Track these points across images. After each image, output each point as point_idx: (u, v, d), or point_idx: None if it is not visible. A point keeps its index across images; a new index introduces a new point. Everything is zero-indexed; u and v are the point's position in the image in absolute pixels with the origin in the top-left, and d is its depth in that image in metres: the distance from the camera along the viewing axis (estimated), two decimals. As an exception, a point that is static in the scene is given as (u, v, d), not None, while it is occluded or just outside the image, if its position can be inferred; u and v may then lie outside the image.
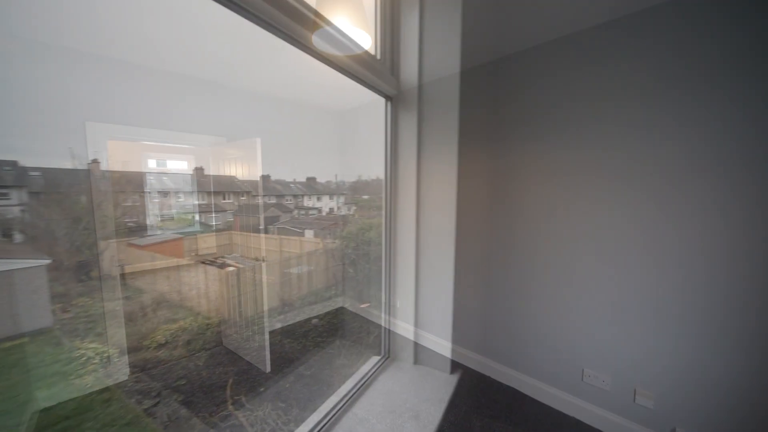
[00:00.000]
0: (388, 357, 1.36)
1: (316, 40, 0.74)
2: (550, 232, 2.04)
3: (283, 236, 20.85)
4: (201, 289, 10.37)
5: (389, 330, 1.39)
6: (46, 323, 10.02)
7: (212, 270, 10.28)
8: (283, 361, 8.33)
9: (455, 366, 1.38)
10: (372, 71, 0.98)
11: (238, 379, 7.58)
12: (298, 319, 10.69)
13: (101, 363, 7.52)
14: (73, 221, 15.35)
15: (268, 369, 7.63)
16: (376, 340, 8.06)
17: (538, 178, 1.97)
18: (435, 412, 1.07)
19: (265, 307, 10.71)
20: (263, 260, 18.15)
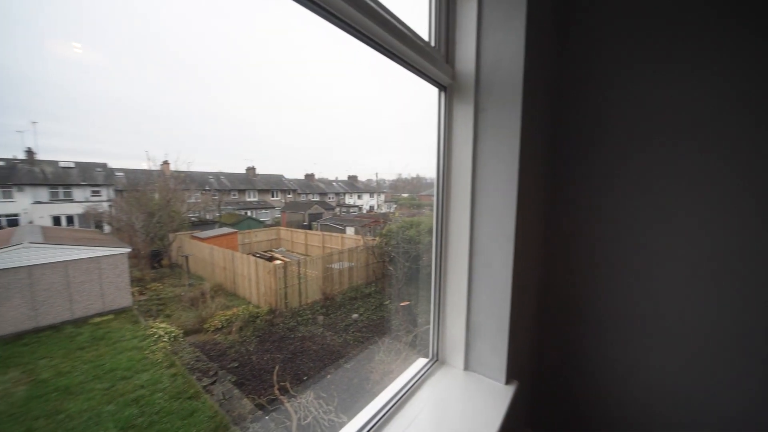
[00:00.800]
0: (437, 360, 1.31)
1: (365, 22, 0.71)
2: (643, 245, 1.74)
3: (325, 233, 21.58)
4: (252, 279, 11.18)
5: (438, 332, 1.33)
6: (127, 303, 11.49)
7: (261, 262, 11.02)
8: (325, 353, 8.65)
9: (511, 376, 1.27)
10: (426, 58, 0.93)
11: (284, 367, 8.03)
12: (339, 313, 11.03)
13: (169, 341, 8.44)
14: (148, 215, 17.36)
15: (311, 360, 7.98)
16: (417, 340, 7.98)
17: (627, 185, 1.70)
18: (489, 425, 0.99)
19: (309, 300, 11.21)
20: (307, 255, 18.92)
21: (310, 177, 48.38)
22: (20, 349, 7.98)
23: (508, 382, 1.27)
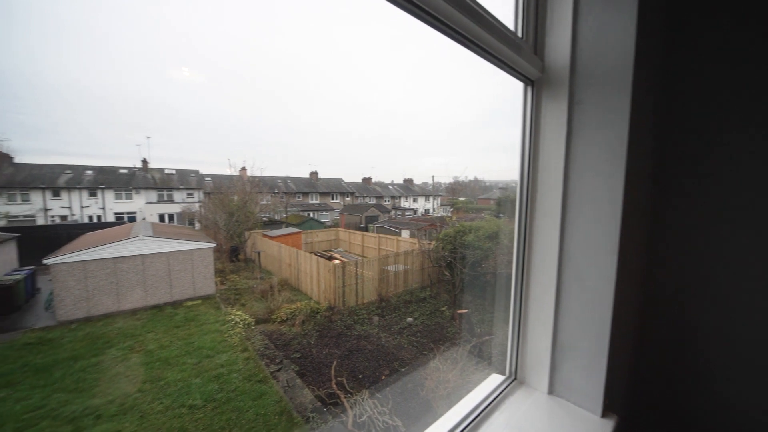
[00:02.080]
0: (515, 379, 1.17)
1: (449, 10, 0.68)
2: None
3: (381, 235, 21.92)
4: (313, 276, 11.90)
5: (518, 348, 1.19)
6: (211, 291, 13.13)
7: (322, 261, 11.68)
8: (380, 354, 8.76)
9: (608, 408, 1.07)
10: (514, 49, 0.86)
11: (341, 363, 8.36)
12: (393, 315, 11.10)
13: (243, 327, 9.40)
14: (229, 215, 19.79)
15: (367, 359, 8.16)
16: (477, 351, 7.59)
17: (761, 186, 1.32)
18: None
19: (365, 300, 11.51)
20: (363, 256, 19.45)
21: (367, 180, 50.10)
22: (134, 323, 9.74)
23: (604, 414, 1.09)
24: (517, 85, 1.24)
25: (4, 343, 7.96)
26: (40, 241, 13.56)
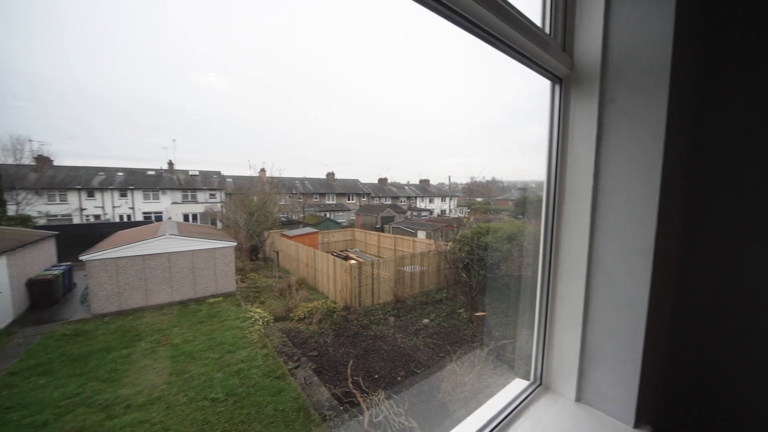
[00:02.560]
0: (540, 384, 1.12)
1: (474, 7, 0.67)
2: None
3: (397, 235, 21.86)
4: (330, 276, 12.04)
5: (544, 352, 1.14)
6: (232, 289, 13.50)
7: (339, 261, 11.80)
8: (396, 355, 8.74)
9: (641, 418, 1.01)
10: (542, 46, 0.83)
11: (357, 362, 8.40)
12: (409, 316, 11.05)
13: (263, 325, 9.62)
14: (249, 215, 20.30)
15: (383, 359, 8.16)
16: (495, 355, 7.45)
17: None
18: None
19: (380, 300, 11.53)
20: (379, 257, 19.44)
21: (383, 181, 50.22)
22: (161, 318, 10.19)
23: (637, 425, 1.04)
24: (539, 84, 1.21)
25: (44, 334, 8.53)
26: (76, 239, 14.46)
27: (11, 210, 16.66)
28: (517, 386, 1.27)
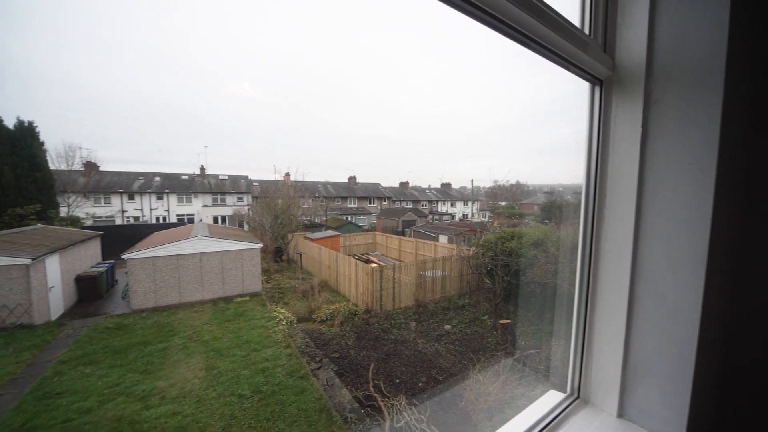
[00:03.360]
0: (578, 398, 1.07)
1: (508, 8, 0.66)
2: None
3: (418, 239, 21.73)
4: (351, 279, 12.16)
5: (582, 364, 1.09)
6: (257, 289, 13.92)
7: (360, 264, 11.89)
8: (417, 360, 8.64)
9: None
10: (580, 47, 0.81)
11: (378, 366, 8.39)
12: (431, 321, 10.91)
13: (286, 325, 9.86)
14: (274, 217, 20.92)
15: (404, 364, 8.11)
16: (521, 365, 7.18)
17: None
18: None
19: (402, 305, 11.48)
20: (400, 261, 19.38)
21: (404, 185, 50.19)
22: (193, 315, 10.71)
23: (690, 444, 0.97)
24: (571, 84, 1.17)
25: (90, 326, 9.22)
26: (117, 239, 15.57)
27: (63, 212, 18.22)
28: (552, 398, 1.22)
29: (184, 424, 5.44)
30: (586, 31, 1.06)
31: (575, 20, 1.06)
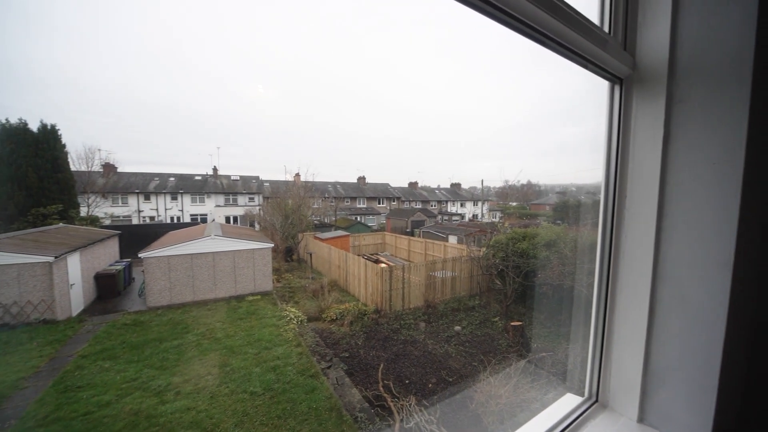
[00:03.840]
0: (596, 401, 1.04)
1: (522, 4, 0.65)
2: None
3: (427, 240, 21.62)
4: (361, 279, 12.20)
5: (600, 368, 1.06)
6: (269, 288, 14.09)
7: (370, 264, 11.92)
8: (427, 361, 8.61)
9: None
10: (600, 45, 0.79)
11: (387, 366, 8.40)
12: (440, 322, 10.86)
13: (297, 324, 9.96)
14: (284, 217, 21.11)
15: (413, 364, 8.09)
16: (533, 368, 7.07)
17: None
18: None
19: (411, 305, 11.46)
20: (410, 261, 19.31)
21: (413, 185, 50.07)
22: (206, 313, 10.93)
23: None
24: (586, 83, 1.15)
25: (108, 322, 9.52)
26: (134, 238, 16.02)
27: (83, 211, 18.86)
28: (569, 401, 1.20)
29: (198, 419, 5.56)
30: (606, 29, 1.04)
31: (594, 18, 1.04)
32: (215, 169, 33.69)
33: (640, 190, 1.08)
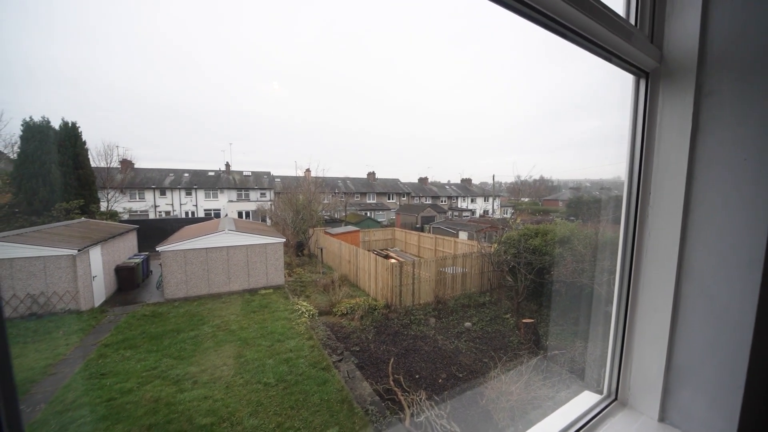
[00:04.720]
0: (615, 399, 1.03)
1: None
2: None
3: (437, 235, 21.53)
4: (371, 274, 12.27)
5: (621, 366, 1.04)
6: (281, 282, 14.31)
7: (380, 259, 11.97)
8: (437, 356, 8.64)
9: None
10: (626, 38, 0.76)
11: (397, 361, 8.47)
12: (450, 318, 10.85)
13: (308, 317, 10.12)
14: (295, 213, 21.24)
15: (423, 360, 8.14)
16: (545, 366, 7.00)
17: None
18: None
19: (421, 301, 11.48)
20: (420, 257, 19.29)
21: (423, 180, 49.77)
22: (221, 305, 11.23)
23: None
24: (607, 77, 1.12)
25: (129, 313, 9.88)
26: (151, 232, 16.50)
27: (102, 206, 19.52)
28: (587, 399, 1.20)
29: (215, 408, 5.75)
30: (632, 21, 1.01)
31: (620, 10, 1.01)
32: (228, 165, 34.25)
33: (665, 186, 1.05)
